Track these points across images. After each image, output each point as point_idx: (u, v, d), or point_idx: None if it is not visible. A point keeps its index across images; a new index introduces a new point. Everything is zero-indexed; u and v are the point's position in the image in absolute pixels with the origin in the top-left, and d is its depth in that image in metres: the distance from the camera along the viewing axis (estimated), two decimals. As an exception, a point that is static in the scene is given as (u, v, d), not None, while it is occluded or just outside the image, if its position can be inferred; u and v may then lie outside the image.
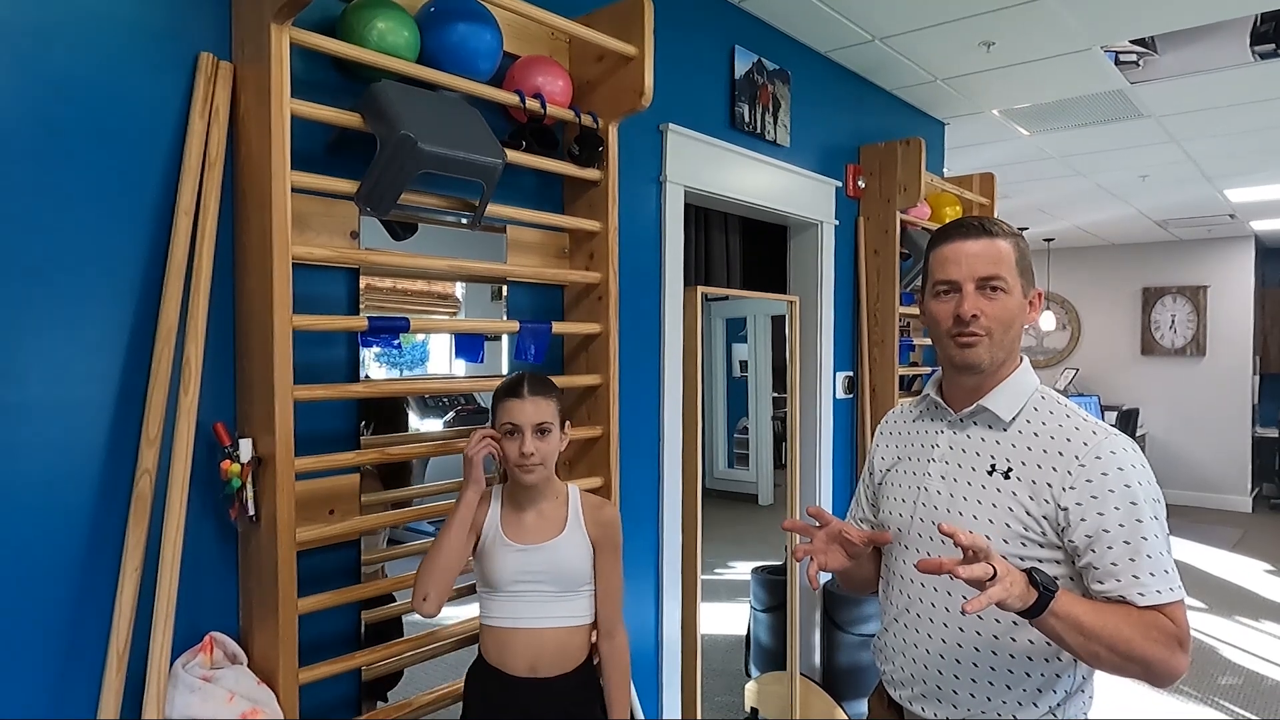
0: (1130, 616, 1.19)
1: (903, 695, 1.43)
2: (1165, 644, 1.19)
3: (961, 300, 1.32)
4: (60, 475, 1.40)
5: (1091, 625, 1.17)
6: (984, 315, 1.32)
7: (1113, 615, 1.19)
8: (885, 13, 2.93)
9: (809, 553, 1.39)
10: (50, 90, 1.39)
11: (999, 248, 1.33)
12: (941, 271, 1.35)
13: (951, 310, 1.33)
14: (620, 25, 2.03)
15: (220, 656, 1.53)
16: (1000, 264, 1.32)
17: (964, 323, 1.32)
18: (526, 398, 1.63)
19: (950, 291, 1.34)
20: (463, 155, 1.65)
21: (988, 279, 1.32)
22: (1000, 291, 1.32)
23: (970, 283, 1.32)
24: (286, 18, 1.48)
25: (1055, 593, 1.14)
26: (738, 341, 4.39)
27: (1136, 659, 1.19)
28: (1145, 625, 1.19)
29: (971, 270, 1.32)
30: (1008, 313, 1.33)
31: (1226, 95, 3.79)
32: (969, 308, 1.31)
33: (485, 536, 1.65)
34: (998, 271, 1.32)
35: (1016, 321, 1.34)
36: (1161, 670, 1.20)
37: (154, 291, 1.49)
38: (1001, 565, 1.12)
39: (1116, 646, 1.18)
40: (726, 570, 4.69)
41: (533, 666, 1.62)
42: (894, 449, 1.53)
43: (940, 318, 1.36)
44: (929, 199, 3.74)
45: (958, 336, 1.33)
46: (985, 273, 1.32)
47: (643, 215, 2.54)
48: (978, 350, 1.33)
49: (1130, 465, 1.26)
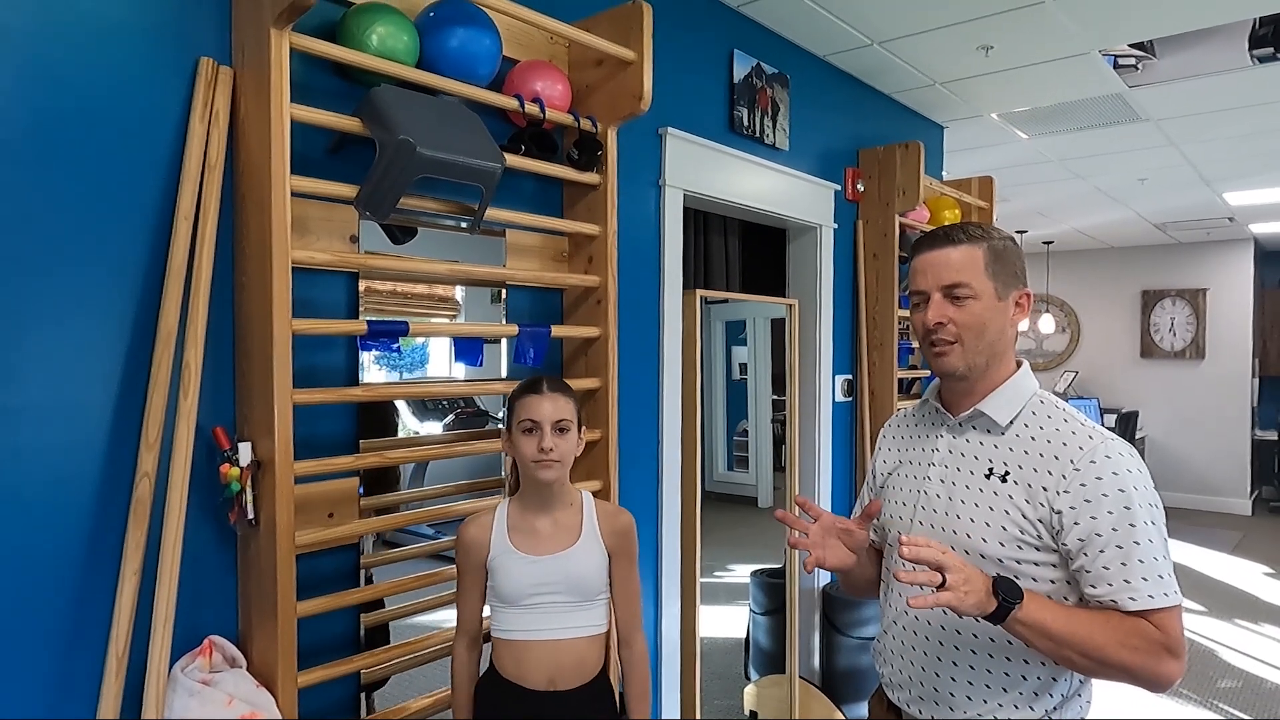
0: (1108, 623, 1.20)
1: (901, 698, 1.43)
2: (1148, 651, 1.19)
3: (928, 309, 1.36)
4: (60, 478, 1.40)
5: (1060, 631, 1.18)
6: (951, 322, 1.34)
7: (1086, 623, 1.20)
8: (884, 17, 2.94)
9: (804, 546, 1.40)
10: (51, 95, 1.39)
11: (964, 254, 1.34)
12: (913, 283, 1.40)
13: (923, 320, 1.37)
14: (619, 30, 2.04)
15: (219, 660, 1.53)
16: (964, 270, 1.33)
17: (931, 330, 1.35)
18: (546, 394, 1.62)
19: (922, 302, 1.38)
20: (462, 160, 1.65)
21: (951, 287, 1.34)
22: (967, 298, 1.33)
23: (936, 291, 1.35)
24: (286, 23, 1.48)
25: (1016, 604, 1.17)
26: (737, 344, 4.40)
27: (1113, 665, 1.19)
28: (1124, 632, 1.19)
29: (936, 279, 1.35)
30: (976, 318, 1.34)
31: (1225, 99, 3.80)
32: (932, 316, 1.35)
33: (493, 555, 1.62)
34: (960, 279, 1.33)
35: (990, 326, 1.35)
36: (1147, 677, 1.21)
37: (154, 295, 1.50)
38: (957, 575, 1.15)
39: (1088, 653, 1.19)
40: (725, 573, 4.69)
41: (551, 680, 1.59)
42: (895, 453, 1.54)
43: (916, 327, 1.41)
44: (928, 202, 3.75)
45: (931, 346, 1.37)
46: (948, 280, 1.34)
47: (642, 219, 2.54)
48: (950, 358, 1.35)
49: (1126, 470, 1.26)
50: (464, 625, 1.67)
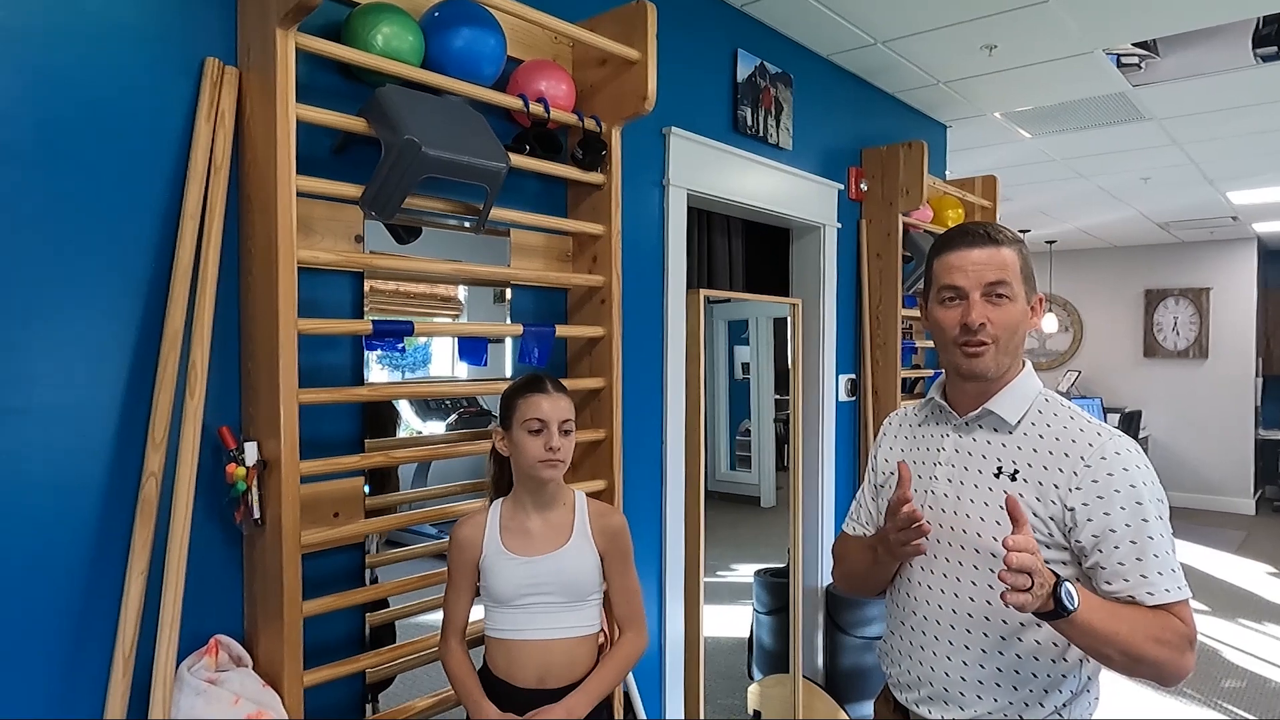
0: (1143, 619, 1.20)
1: (909, 698, 1.43)
2: (1177, 645, 1.20)
3: (969, 309, 1.32)
4: (67, 478, 1.41)
5: (1105, 631, 1.18)
6: (991, 323, 1.32)
7: (1126, 620, 1.19)
8: (887, 16, 2.94)
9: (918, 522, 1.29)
10: (56, 96, 1.40)
11: (1004, 255, 1.33)
12: (948, 278, 1.35)
13: (958, 318, 1.34)
14: (623, 29, 2.04)
15: (225, 659, 1.53)
16: (1006, 271, 1.33)
17: (971, 331, 1.32)
18: (552, 393, 1.62)
19: (956, 299, 1.35)
20: (467, 160, 1.65)
21: (994, 286, 1.32)
22: (1005, 299, 1.32)
23: (977, 291, 1.32)
24: (292, 23, 1.48)
25: (1072, 611, 1.14)
26: (740, 344, 4.39)
27: (1148, 661, 1.20)
28: (1157, 627, 1.20)
29: (979, 278, 1.32)
30: (1013, 320, 1.33)
31: (1228, 98, 3.80)
32: (977, 316, 1.32)
33: (485, 555, 1.62)
34: (1004, 278, 1.32)
35: (1021, 328, 1.35)
36: (1171, 671, 1.21)
37: (160, 296, 1.50)
38: (1043, 587, 1.11)
39: (1129, 650, 1.19)
40: (728, 572, 4.68)
41: (541, 678, 1.59)
42: (898, 452, 1.53)
43: (946, 325, 1.36)
44: (931, 202, 3.74)
45: (965, 345, 1.34)
46: (992, 279, 1.32)
47: (646, 219, 2.55)
48: (984, 360, 1.33)
49: (1135, 466, 1.27)
50: (453, 624, 1.66)
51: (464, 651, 1.66)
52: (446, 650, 1.66)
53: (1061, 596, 1.14)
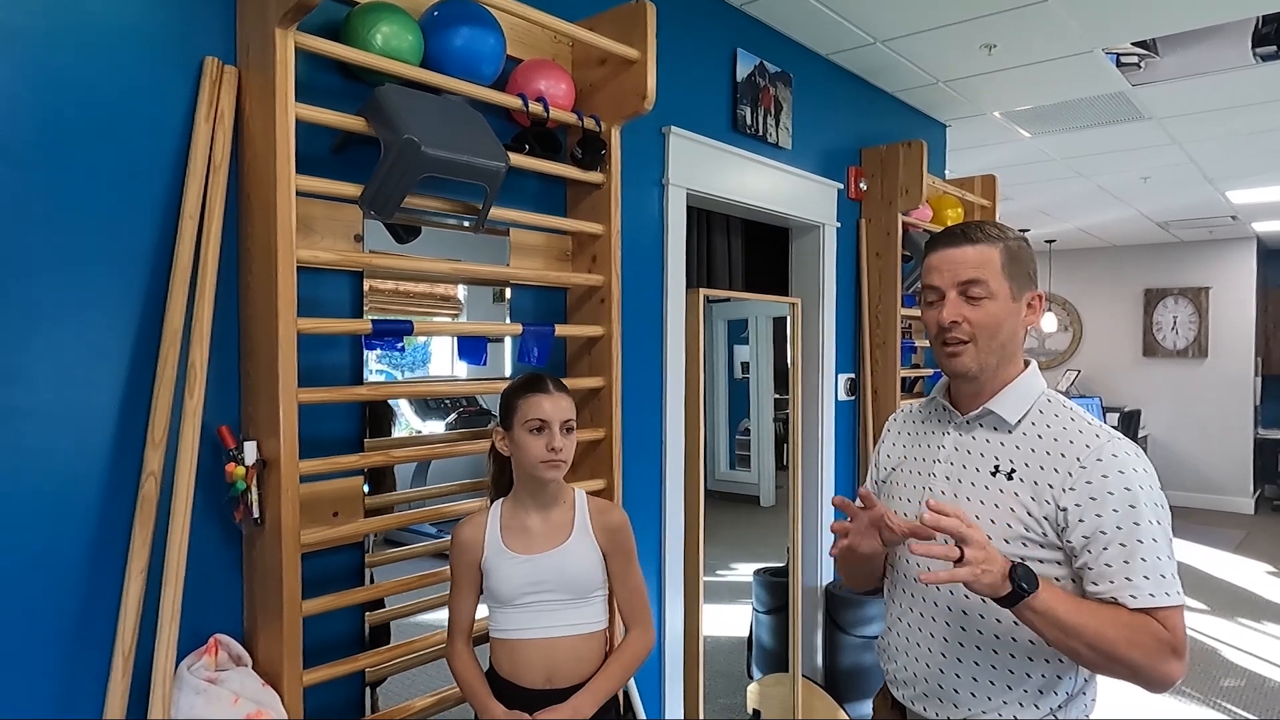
0: (1118, 619, 1.20)
1: (905, 695, 1.44)
2: (1155, 649, 1.19)
3: (943, 307, 1.34)
4: (66, 478, 1.41)
5: (1072, 623, 1.18)
6: (966, 321, 1.33)
7: (1096, 616, 1.20)
8: (887, 16, 2.94)
9: (845, 531, 1.36)
10: (56, 95, 1.40)
11: (981, 253, 1.33)
12: (928, 278, 1.38)
13: (937, 317, 1.36)
14: (623, 29, 2.04)
15: (225, 658, 1.53)
16: (982, 269, 1.33)
17: (945, 329, 1.34)
18: (553, 393, 1.62)
19: (937, 300, 1.37)
20: (466, 159, 1.65)
21: (967, 284, 1.33)
22: (982, 298, 1.33)
23: (952, 289, 1.34)
24: (291, 22, 1.48)
25: (1030, 593, 1.16)
26: (739, 343, 4.39)
27: (1121, 660, 1.19)
28: (1133, 629, 1.19)
29: (954, 276, 1.34)
30: (991, 318, 1.33)
31: (1228, 97, 3.80)
32: (948, 314, 1.33)
33: (487, 556, 1.62)
34: (977, 276, 1.32)
35: (1005, 326, 1.34)
36: (1151, 675, 1.21)
37: (159, 295, 1.50)
38: (978, 551, 1.14)
39: (1097, 646, 1.18)
40: (728, 572, 4.69)
41: (548, 678, 1.59)
42: (900, 449, 1.54)
43: (929, 325, 1.39)
44: (931, 201, 3.75)
45: (944, 345, 1.35)
46: (965, 278, 1.33)
47: (645, 218, 2.55)
48: (963, 359, 1.34)
49: (1132, 469, 1.26)
50: (459, 625, 1.66)
51: (470, 653, 1.66)
52: (453, 652, 1.66)
53: (1019, 579, 1.15)
